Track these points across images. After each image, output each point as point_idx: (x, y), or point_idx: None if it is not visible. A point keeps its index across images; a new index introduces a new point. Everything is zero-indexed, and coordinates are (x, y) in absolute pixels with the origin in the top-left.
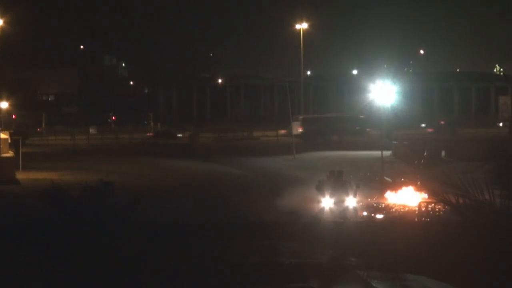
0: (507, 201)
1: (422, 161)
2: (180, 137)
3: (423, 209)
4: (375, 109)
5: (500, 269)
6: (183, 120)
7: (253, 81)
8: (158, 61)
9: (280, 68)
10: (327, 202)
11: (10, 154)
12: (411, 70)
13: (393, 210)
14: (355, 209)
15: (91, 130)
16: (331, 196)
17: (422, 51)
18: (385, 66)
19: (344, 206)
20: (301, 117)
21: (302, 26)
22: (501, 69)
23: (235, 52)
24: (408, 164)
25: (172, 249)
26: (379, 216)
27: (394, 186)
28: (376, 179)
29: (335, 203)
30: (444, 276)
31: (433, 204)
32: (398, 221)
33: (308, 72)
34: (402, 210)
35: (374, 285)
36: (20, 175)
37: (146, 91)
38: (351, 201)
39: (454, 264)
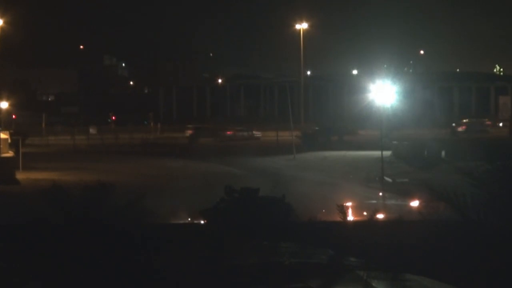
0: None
1: None
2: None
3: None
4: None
5: (500, 269)
6: (183, 120)
7: (253, 81)
8: (158, 61)
9: (280, 68)
10: None
11: (10, 154)
12: (411, 70)
13: (393, 210)
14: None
15: (91, 130)
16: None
17: (422, 51)
18: (385, 66)
19: None
20: None
21: (302, 26)
22: (501, 69)
23: (235, 52)
24: (408, 164)
25: (168, 250)
26: (379, 216)
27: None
28: (376, 179)
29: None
30: (444, 276)
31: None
32: (398, 221)
33: (308, 72)
34: (402, 210)
35: (374, 285)
36: (20, 175)
37: (146, 91)
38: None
39: (454, 264)
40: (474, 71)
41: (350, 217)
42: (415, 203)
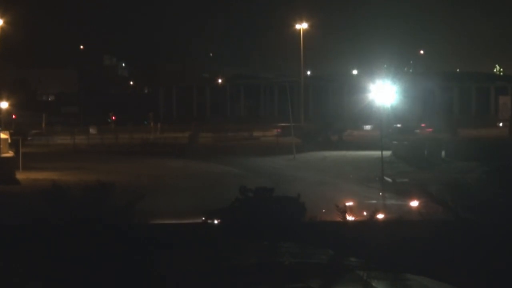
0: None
1: None
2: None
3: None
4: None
5: (499, 269)
6: (183, 120)
7: (253, 81)
8: (158, 61)
9: (280, 68)
10: None
11: (10, 154)
12: (411, 70)
13: (393, 210)
14: None
15: (91, 130)
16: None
17: (422, 51)
18: (385, 66)
19: None
20: None
21: (302, 26)
22: (501, 69)
23: (235, 52)
24: (408, 164)
25: (168, 249)
26: (379, 216)
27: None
28: (376, 179)
29: None
30: (444, 276)
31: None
32: (398, 221)
33: (308, 72)
34: (402, 210)
35: (374, 285)
36: (20, 175)
37: (146, 91)
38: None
39: (454, 264)
40: (474, 71)
41: (350, 217)
42: (415, 203)
